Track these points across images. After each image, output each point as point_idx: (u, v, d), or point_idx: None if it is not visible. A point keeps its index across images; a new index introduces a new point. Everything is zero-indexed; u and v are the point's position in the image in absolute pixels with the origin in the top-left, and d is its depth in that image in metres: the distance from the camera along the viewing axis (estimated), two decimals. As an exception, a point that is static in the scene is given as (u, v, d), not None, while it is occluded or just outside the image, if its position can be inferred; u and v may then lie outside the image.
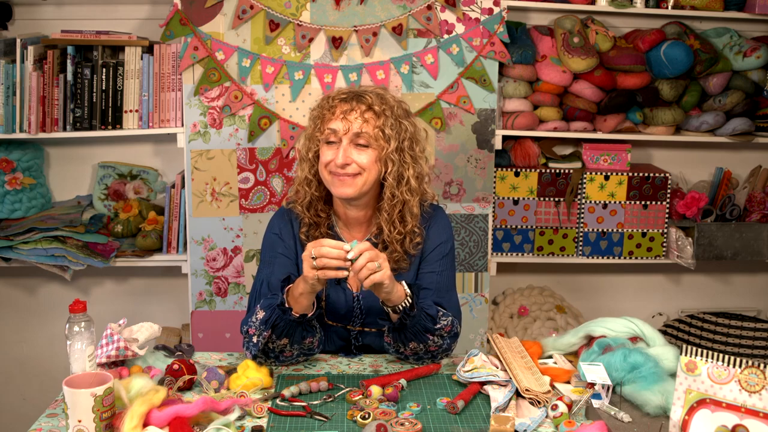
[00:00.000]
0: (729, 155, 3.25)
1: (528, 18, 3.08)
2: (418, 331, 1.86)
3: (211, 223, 2.83)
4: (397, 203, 1.94)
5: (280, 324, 1.81)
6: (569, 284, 3.32)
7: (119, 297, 3.17)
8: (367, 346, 2.03)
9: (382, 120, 1.89)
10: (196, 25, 2.72)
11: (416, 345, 1.88)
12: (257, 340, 1.84)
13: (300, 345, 1.86)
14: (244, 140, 2.79)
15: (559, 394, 1.75)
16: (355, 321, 1.99)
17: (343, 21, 2.77)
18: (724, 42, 3.03)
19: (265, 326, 1.82)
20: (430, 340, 1.87)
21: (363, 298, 1.98)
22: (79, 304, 1.61)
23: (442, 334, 1.88)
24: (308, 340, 1.87)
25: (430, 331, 1.86)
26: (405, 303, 1.83)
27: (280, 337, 1.83)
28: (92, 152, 3.08)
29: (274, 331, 1.82)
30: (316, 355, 1.95)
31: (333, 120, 1.91)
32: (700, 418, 1.50)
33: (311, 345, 1.88)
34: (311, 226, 1.99)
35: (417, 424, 1.60)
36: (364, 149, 1.90)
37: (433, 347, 1.89)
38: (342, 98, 1.93)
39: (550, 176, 3.02)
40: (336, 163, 1.88)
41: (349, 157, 1.88)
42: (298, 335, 1.84)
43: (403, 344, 1.88)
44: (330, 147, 1.91)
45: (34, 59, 2.72)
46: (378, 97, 1.93)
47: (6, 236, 2.79)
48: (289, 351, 1.87)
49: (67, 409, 1.49)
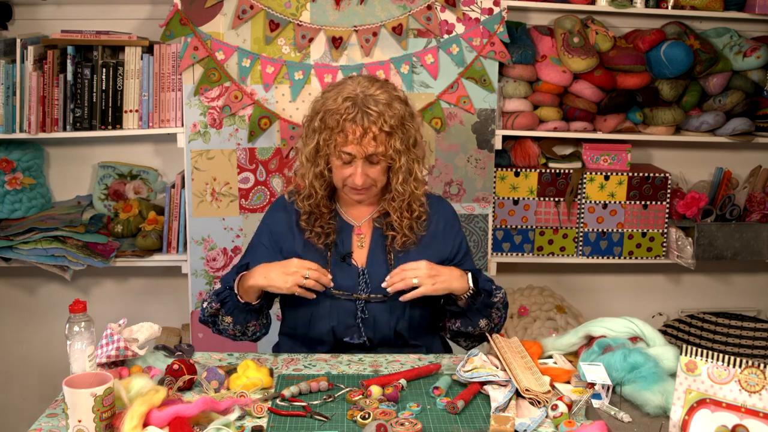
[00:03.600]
0: (729, 155, 3.25)
1: (528, 18, 3.08)
2: (482, 308, 2.01)
3: (211, 223, 2.83)
4: (405, 194, 2.03)
5: (228, 303, 1.98)
6: (569, 284, 3.32)
7: (119, 297, 3.17)
8: (372, 333, 2.04)
9: (393, 139, 1.95)
10: (196, 25, 2.72)
11: (485, 322, 2.04)
12: (206, 306, 2.03)
13: (243, 327, 2.02)
14: (244, 140, 2.79)
15: (559, 394, 1.75)
16: (361, 294, 2.03)
17: (343, 21, 2.77)
18: (724, 42, 3.03)
19: (216, 298, 1.99)
20: (494, 314, 2.05)
21: (368, 273, 2.03)
22: (79, 304, 1.61)
23: (499, 306, 2.05)
24: (251, 323, 2.03)
25: (491, 306, 2.03)
26: (470, 291, 1.96)
27: (226, 314, 2.00)
28: (92, 152, 3.08)
29: (223, 306, 1.99)
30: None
31: (347, 145, 1.93)
32: (700, 418, 1.50)
33: (254, 329, 2.05)
34: (311, 214, 2.08)
35: (417, 424, 1.60)
36: (376, 165, 1.98)
37: (497, 319, 2.07)
38: (350, 118, 1.91)
39: (550, 176, 3.02)
40: (356, 183, 1.97)
41: (363, 175, 1.97)
42: (242, 317, 2.00)
43: (473, 326, 2.04)
44: (345, 167, 1.98)
45: (34, 59, 2.72)
46: (385, 109, 1.93)
47: (6, 236, 2.79)
48: (232, 330, 2.03)
49: (67, 409, 1.49)
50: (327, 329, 2.02)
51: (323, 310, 2.02)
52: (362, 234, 2.07)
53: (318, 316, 2.03)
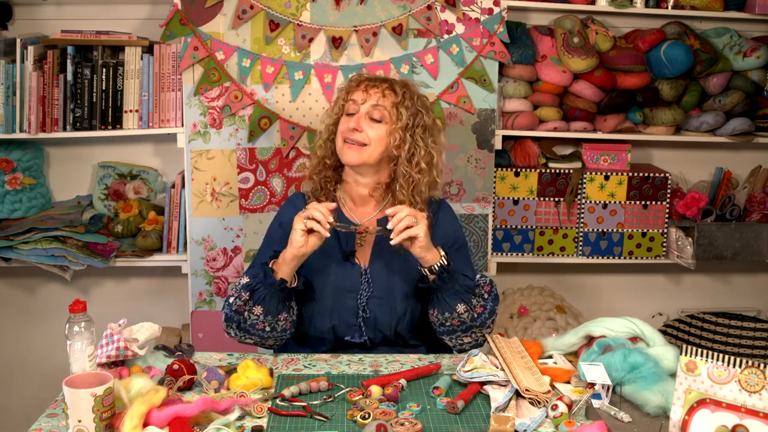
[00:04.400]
0: (729, 155, 3.25)
1: (528, 18, 3.08)
2: (459, 290, 1.95)
3: (211, 223, 2.83)
4: (408, 180, 2.05)
5: (260, 289, 1.92)
6: (569, 284, 3.32)
7: (119, 297, 3.17)
8: (374, 328, 2.05)
9: (400, 98, 2.05)
10: (196, 25, 2.72)
11: (464, 307, 1.96)
12: (233, 300, 1.95)
13: (274, 319, 1.95)
14: (244, 140, 2.79)
15: (559, 394, 1.75)
16: (363, 294, 2.04)
17: (343, 21, 2.77)
18: (724, 42, 3.03)
19: (246, 289, 1.93)
20: (474, 301, 1.97)
21: (371, 272, 2.05)
22: (79, 304, 1.61)
23: (482, 293, 1.98)
24: (283, 316, 1.96)
25: (470, 289, 1.96)
26: (441, 261, 1.93)
27: (256, 304, 1.92)
28: (92, 152, 3.08)
29: (252, 296, 1.92)
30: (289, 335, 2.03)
31: (355, 92, 2.06)
32: (700, 418, 1.50)
33: (284, 325, 1.97)
34: (321, 189, 2.13)
35: (417, 424, 1.60)
36: (377, 124, 2.03)
37: (479, 308, 1.98)
38: (362, 80, 2.10)
39: (550, 176, 3.02)
40: (348, 127, 2.03)
41: (361, 125, 2.02)
42: (274, 306, 1.93)
43: (449, 310, 1.96)
44: (349, 118, 2.05)
45: (34, 59, 2.72)
46: (402, 83, 2.11)
47: (6, 236, 2.79)
48: (262, 323, 1.93)
49: (67, 409, 1.49)
50: (328, 327, 2.03)
51: (325, 309, 2.03)
52: (364, 234, 2.08)
53: (319, 314, 2.04)
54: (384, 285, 2.04)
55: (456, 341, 2.05)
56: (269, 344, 2.04)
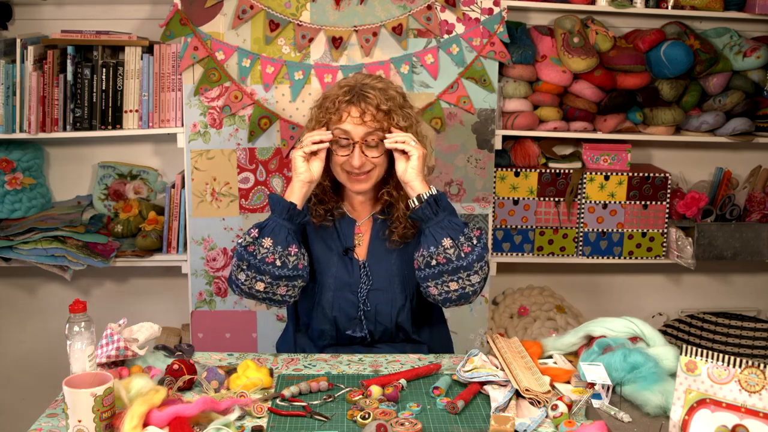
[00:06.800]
0: (729, 155, 3.25)
1: (528, 18, 3.08)
2: (447, 225, 1.91)
3: (211, 223, 2.83)
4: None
5: (269, 223, 1.93)
6: (569, 284, 3.32)
7: (119, 297, 3.17)
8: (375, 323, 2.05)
9: (393, 118, 1.98)
10: (196, 25, 2.72)
11: (449, 242, 1.89)
12: (242, 240, 1.94)
13: (284, 251, 1.92)
14: (244, 140, 2.79)
15: (559, 394, 1.75)
16: (363, 287, 2.04)
17: (343, 21, 2.77)
18: (724, 42, 3.03)
19: (255, 226, 1.94)
20: (461, 238, 1.90)
21: (369, 265, 2.05)
22: (79, 304, 1.61)
23: (471, 236, 1.92)
24: (293, 249, 1.93)
25: (459, 227, 1.92)
26: (431, 192, 1.92)
27: (265, 236, 1.92)
28: (92, 152, 3.08)
29: (262, 232, 1.93)
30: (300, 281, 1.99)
31: (343, 122, 1.97)
32: (700, 418, 1.50)
33: (296, 261, 1.94)
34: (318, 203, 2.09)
35: (417, 424, 1.60)
36: (374, 147, 1.98)
37: (466, 247, 1.90)
38: (346, 100, 1.97)
39: (550, 176, 3.02)
40: (353, 165, 1.97)
41: (364, 157, 1.97)
42: (283, 236, 1.92)
43: (435, 244, 1.90)
44: (343, 149, 1.98)
45: (34, 59, 2.72)
46: (382, 94, 1.98)
47: (6, 236, 2.79)
48: (272, 255, 1.92)
49: (67, 409, 1.49)
50: (330, 320, 2.04)
51: (326, 302, 2.05)
52: (361, 233, 2.09)
53: (320, 307, 2.05)
54: (383, 277, 2.05)
55: (442, 288, 1.93)
56: (281, 293, 1.97)
